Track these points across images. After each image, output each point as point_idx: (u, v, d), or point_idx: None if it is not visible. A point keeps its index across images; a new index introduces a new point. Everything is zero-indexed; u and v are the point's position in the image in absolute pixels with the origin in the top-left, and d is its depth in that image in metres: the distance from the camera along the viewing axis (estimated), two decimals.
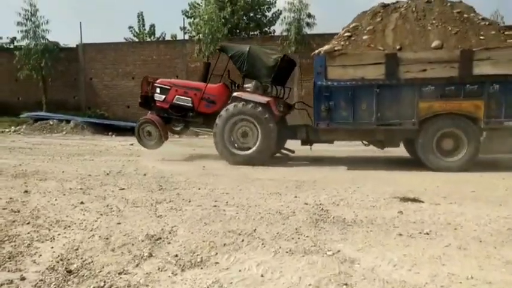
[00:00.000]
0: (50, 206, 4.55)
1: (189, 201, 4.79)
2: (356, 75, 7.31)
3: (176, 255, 3.16)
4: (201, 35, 16.46)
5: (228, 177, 6.52)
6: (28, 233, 3.64)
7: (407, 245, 3.37)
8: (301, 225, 3.90)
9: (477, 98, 6.92)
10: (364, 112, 7.34)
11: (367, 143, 8.18)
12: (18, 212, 4.31)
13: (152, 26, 24.31)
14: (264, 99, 7.99)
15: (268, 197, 5.03)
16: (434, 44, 7.24)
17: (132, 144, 11.16)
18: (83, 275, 2.84)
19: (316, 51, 7.69)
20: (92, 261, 3.05)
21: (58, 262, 3.03)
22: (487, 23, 7.43)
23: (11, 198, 4.89)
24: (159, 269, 2.94)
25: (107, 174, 6.58)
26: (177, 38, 21.62)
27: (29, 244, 3.38)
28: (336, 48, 7.49)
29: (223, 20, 17.02)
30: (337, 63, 7.38)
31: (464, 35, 7.30)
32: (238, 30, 20.38)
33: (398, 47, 7.36)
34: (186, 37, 19.99)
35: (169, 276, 2.83)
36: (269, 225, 3.92)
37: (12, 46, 20.80)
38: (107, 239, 3.52)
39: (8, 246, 3.34)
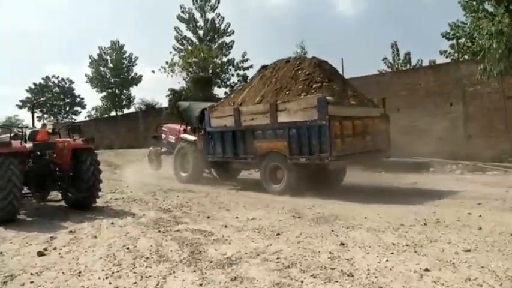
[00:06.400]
0: (386, 270, 3.55)
1: None
2: (222, 123, 10.05)
3: None
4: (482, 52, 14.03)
5: None
6: None
7: None
8: None
9: (284, 140, 8.83)
10: (228, 149, 9.98)
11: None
12: (352, 276, 3.45)
13: (407, 54, 22.96)
14: (192, 138, 11.24)
15: None
16: (257, 99, 9.43)
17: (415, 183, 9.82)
18: None
19: (207, 106, 10.97)
20: None
21: None
22: (303, 79, 8.89)
23: (330, 252, 4.18)
24: None
25: (424, 224, 5.29)
26: (436, 63, 19.48)
27: None
28: (214, 105, 10.69)
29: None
30: (214, 116, 10.30)
31: (279, 90, 9.11)
32: None
33: (240, 103, 9.73)
34: (448, 60, 17.74)
35: None
36: None
37: None
38: None
39: None
